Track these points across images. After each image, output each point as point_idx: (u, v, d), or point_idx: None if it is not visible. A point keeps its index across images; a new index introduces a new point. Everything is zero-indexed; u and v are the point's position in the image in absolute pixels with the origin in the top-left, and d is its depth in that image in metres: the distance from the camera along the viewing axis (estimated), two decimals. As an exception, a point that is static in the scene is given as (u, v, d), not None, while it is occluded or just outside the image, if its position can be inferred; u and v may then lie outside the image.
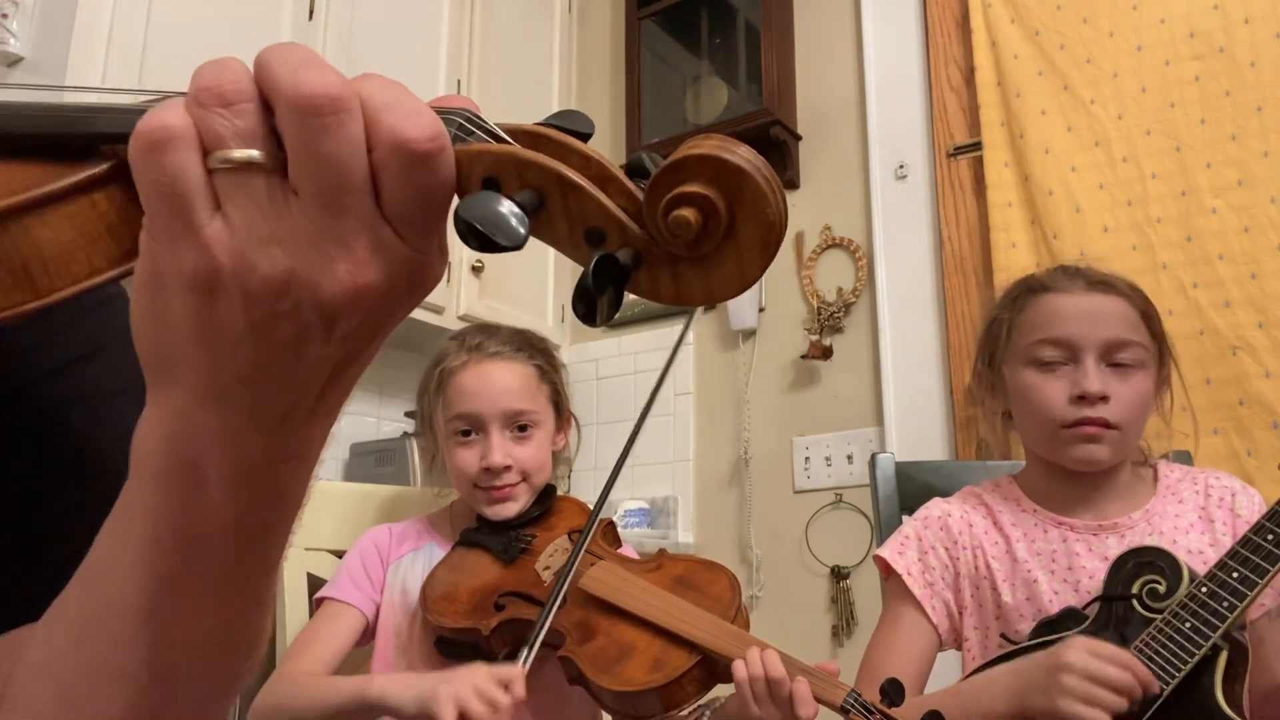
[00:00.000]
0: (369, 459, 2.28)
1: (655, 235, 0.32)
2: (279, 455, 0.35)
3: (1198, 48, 1.88)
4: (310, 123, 0.30)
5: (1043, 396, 1.07)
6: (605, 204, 0.33)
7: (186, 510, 0.35)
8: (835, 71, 2.38)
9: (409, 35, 2.27)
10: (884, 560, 1.15)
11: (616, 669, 1.00)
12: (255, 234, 0.31)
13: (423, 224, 0.32)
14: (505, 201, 0.31)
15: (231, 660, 0.41)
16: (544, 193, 0.33)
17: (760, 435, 2.32)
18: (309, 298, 0.31)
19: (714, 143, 0.31)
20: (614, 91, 2.74)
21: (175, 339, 0.32)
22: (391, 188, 0.31)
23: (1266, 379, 1.72)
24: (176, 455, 0.34)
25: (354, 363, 0.35)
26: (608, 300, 0.32)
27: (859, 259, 2.25)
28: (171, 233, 0.31)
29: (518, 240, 0.31)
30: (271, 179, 0.31)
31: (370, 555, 1.23)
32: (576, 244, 0.33)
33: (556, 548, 1.18)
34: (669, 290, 0.33)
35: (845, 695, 0.91)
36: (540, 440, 1.24)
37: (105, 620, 0.37)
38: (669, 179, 0.32)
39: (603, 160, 0.34)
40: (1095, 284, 1.10)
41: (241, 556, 0.37)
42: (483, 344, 1.24)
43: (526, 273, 2.53)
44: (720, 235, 0.32)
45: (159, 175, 0.31)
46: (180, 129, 0.31)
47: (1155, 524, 1.08)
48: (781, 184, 0.32)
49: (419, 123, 0.31)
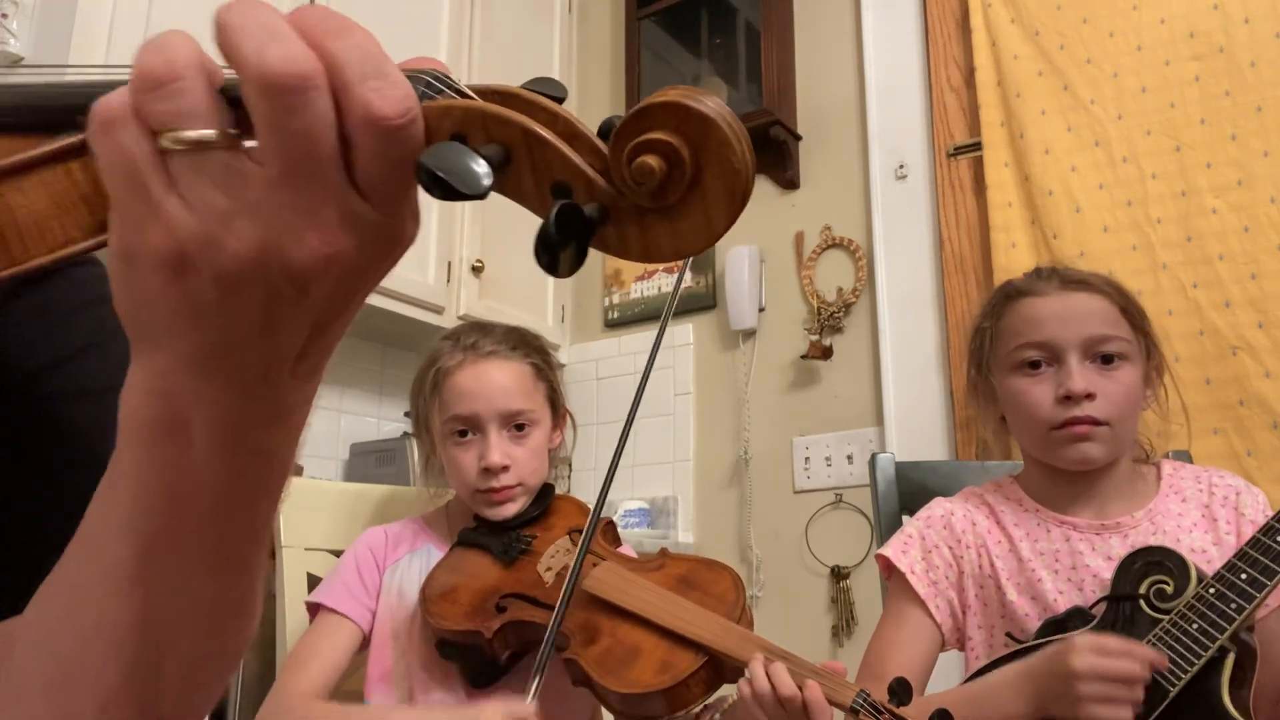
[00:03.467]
0: (369, 459, 2.28)
1: (621, 187, 0.32)
2: (262, 416, 0.35)
3: (1198, 48, 1.89)
4: (278, 102, 0.29)
5: (1029, 400, 1.08)
6: (571, 158, 0.33)
7: (172, 468, 0.35)
8: (835, 71, 2.38)
9: (408, 35, 2.26)
10: (887, 559, 1.15)
11: (623, 671, 1.00)
12: (216, 211, 0.30)
13: (393, 191, 0.32)
14: (469, 153, 0.31)
15: (224, 629, 0.41)
16: (510, 147, 0.33)
17: (760, 435, 2.32)
18: (279, 268, 0.31)
19: (679, 91, 0.31)
20: (614, 91, 2.74)
21: (150, 310, 0.33)
22: (362, 159, 0.31)
23: (1266, 379, 1.72)
24: (161, 411, 0.34)
25: (331, 324, 0.35)
26: (571, 251, 0.31)
27: (859, 259, 2.25)
28: (134, 212, 0.31)
29: (480, 189, 0.30)
30: (229, 154, 0.30)
31: (366, 560, 1.22)
32: (543, 198, 0.33)
33: (558, 548, 1.18)
34: (637, 244, 0.33)
35: (854, 696, 0.91)
36: (538, 439, 1.23)
37: (96, 584, 0.38)
38: (634, 127, 0.32)
39: (570, 117, 0.34)
40: (1070, 284, 1.10)
41: (229, 520, 0.37)
42: (478, 343, 1.23)
43: (526, 273, 2.53)
44: (685, 184, 0.32)
45: (112, 155, 0.31)
46: (121, 110, 0.30)
47: (1158, 523, 1.08)
48: (749, 136, 0.32)
49: (393, 96, 0.30)
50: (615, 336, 2.61)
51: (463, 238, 2.33)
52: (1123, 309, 1.09)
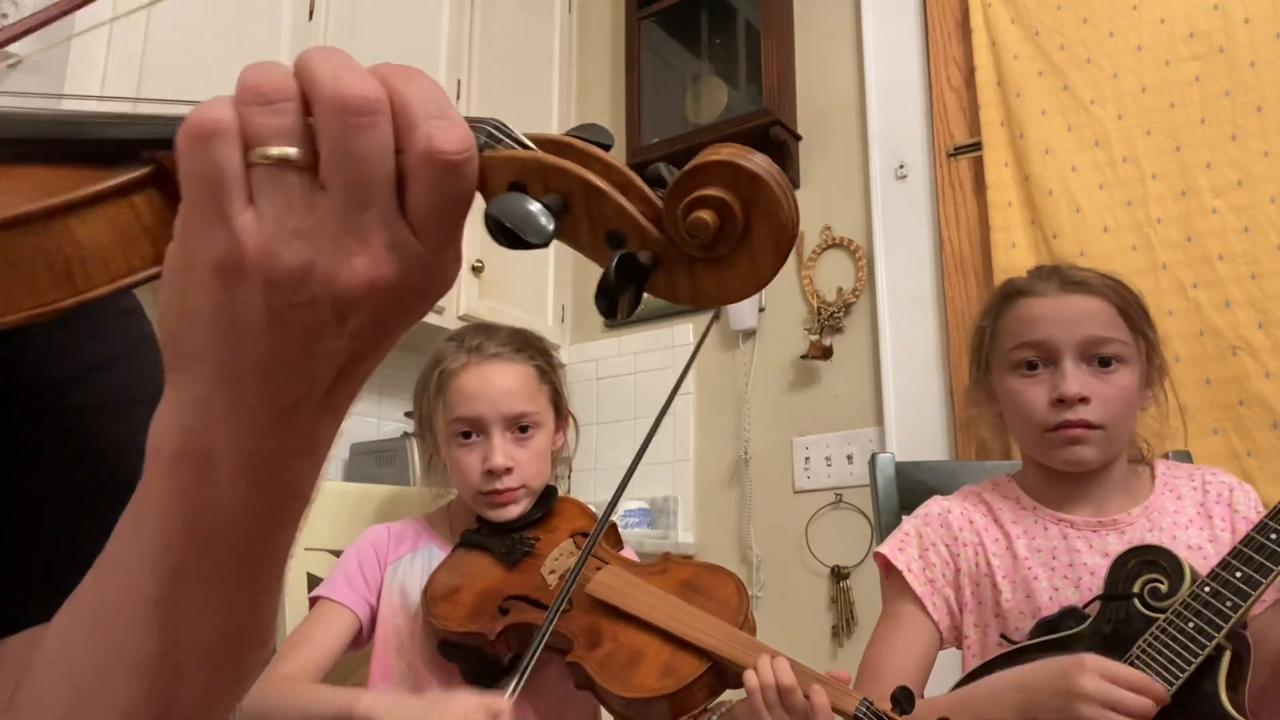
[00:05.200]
0: (369, 459, 2.28)
1: (674, 237, 0.34)
2: (288, 448, 0.36)
3: (1198, 48, 1.89)
4: (346, 121, 0.32)
5: (1024, 401, 1.08)
6: (626, 208, 0.35)
7: (197, 499, 0.36)
8: (835, 71, 2.38)
9: (409, 35, 2.26)
10: (884, 557, 1.15)
11: (627, 675, 1.00)
12: (282, 226, 0.32)
13: (442, 227, 0.34)
14: (533, 202, 0.33)
15: (241, 652, 0.42)
16: (568, 197, 0.35)
17: (760, 435, 2.32)
18: (326, 289, 0.33)
19: (731, 149, 0.33)
20: (614, 91, 2.74)
21: (196, 325, 0.34)
22: (416, 191, 0.33)
23: (1266, 379, 1.72)
24: (189, 442, 0.35)
25: (363, 360, 0.36)
26: (629, 297, 0.34)
27: (859, 259, 2.25)
28: (206, 220, 0.33)
29: (546, 237, 0.33)
30: (303, 175, 0.33)
31: (367, 556, 1.22)
32: (598, 246, 0.35)
33: (562, 551, 1.18)
34: (686, 291, 0.35)
35: (858, 704, 0.91)
36: (541, 441, 1.23)
37: (118, 607, 0.38)
38: (689, 183, 0.34)
39: (623, 168, 0.35)
40: (1070, 285, 1.10)
41: (250, 549, 0.38)
42: (482, 345, 1.23)
43: (527, 273, 2.53)
44: (736, 238, 0.34)
45: (202, 165, 0.33)
46: (227, 123, 0.33)
47: (1155, 520, 1.08)
48: (793, 190, 0.34)
49: (453, 135, 0.33)
50: (615, 337, 2.61)
51: (463, 238, 2.33)
52: (1122, 311, 1.09)
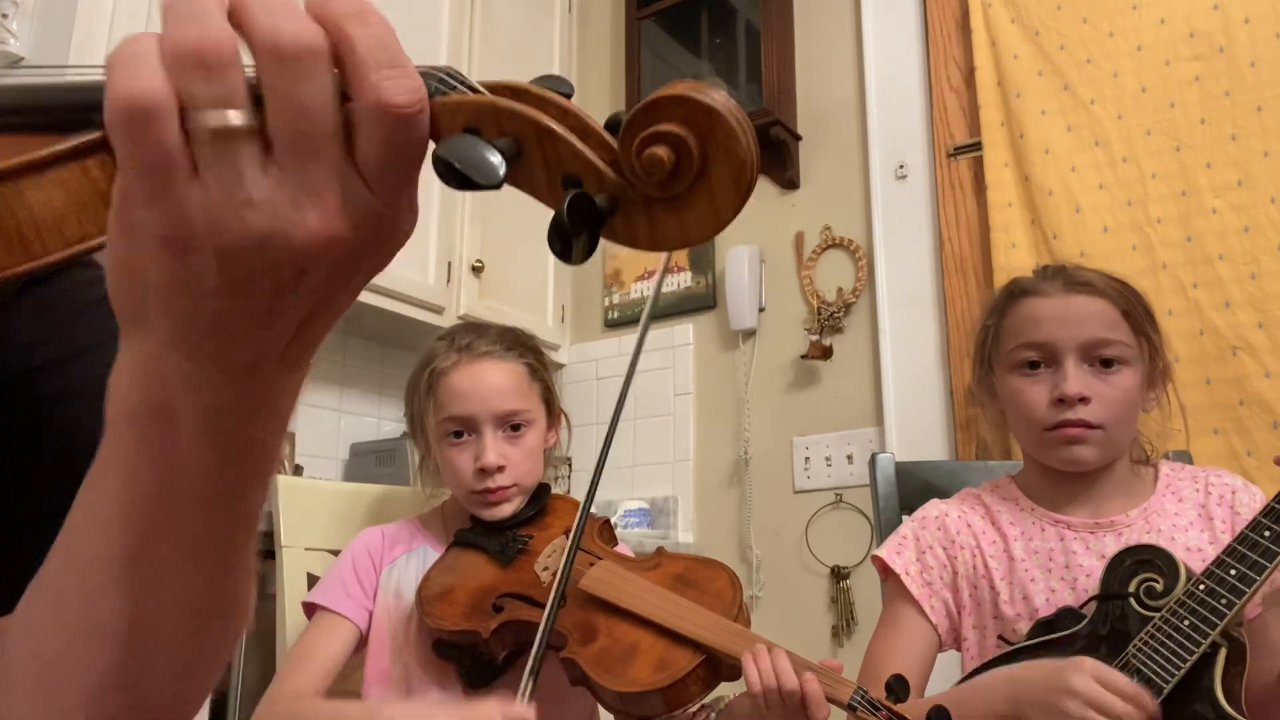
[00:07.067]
0: (369, 459, 2.28)
1: (629, 177, 0.33)
2: (249, 404, 0.35)
3: (1198, 48, 1.88)
4: (286, 70, 0.30)
5: (1025, 401, 1.08)
6: (582, 150, 0.34)
7: (160, 455, 0.35)
8: (835, 71, 2.38)
9: (408, 35, 2.24)
10: (882, 560, 1.15)
11: (620, 670, 1.00)
12: (232, 197, 0.30)
13: (394, 180, 0.32)
14: (484, 145, 0.32)
15: (212, 626, 0.41)
16: (522, 140, 0.34)
17: (760, 435, 2.32)
18: (280, 248, 0.31)
19: (687, 85, 0.32)
20: (614, 91, 2.74)
21: (147, 290, 0.33)
22: (366, 143, 0.31)
23: (1266, 379, 1.72)
24: (148, 397, 0.34)
25: (322, 314, 0.35)
26: (583, 240, 0.33)
27: (859, 259, 2.25)
28: (147, 197, 0.31)
29: (495, 179, 0.31)
30: (250, 137, 0.31)
31: (362, 560, 1.22)
32: (554, 191, 0.34)
33: (555, 548, 1.18)
34: (645, 233, 0.34)
35: (852, 693, 0.91)
36: (533, 439, 1.23)
37: (84, 575, 0.38)
38: (643, 119, 0.33)
39: (580, 112, 0.34)
40: (1074, 285, 1.10)
41: (216, 510, 0.37)
42: (473, 343, 1.23)
43: (526, 273, 2.53)
44: (693, 175, 0.33)
45: (138, 148, 0.30)
46: (161, 99, 0.29)
47: (1153, 522, 1.08)
48: (754, 128, 0.33)
49: (403, 86, 0.31)
50: (615, 336, 2.61)
51: (462, 238, 2.33)
52: (1125, 312, 1.09)
